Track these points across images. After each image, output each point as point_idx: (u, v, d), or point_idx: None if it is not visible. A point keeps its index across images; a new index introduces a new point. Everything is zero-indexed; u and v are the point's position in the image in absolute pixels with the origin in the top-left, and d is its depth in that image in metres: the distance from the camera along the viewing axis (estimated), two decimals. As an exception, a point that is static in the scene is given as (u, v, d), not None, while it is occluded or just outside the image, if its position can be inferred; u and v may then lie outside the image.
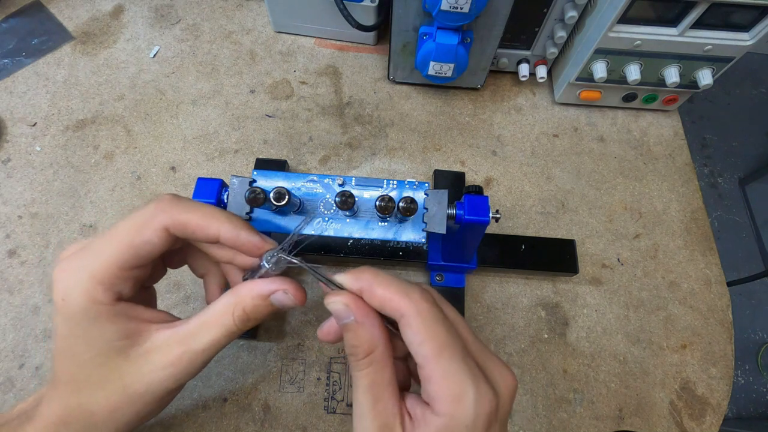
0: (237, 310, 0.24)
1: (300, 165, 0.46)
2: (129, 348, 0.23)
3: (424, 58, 0.43)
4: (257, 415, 0.36)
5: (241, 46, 0.52)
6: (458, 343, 0.21)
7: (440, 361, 0.21)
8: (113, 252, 0.23)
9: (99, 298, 0.22)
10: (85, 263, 0.23)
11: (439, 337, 0.21)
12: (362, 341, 0.22)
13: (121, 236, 0.23)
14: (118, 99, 0.48)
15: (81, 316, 0.22)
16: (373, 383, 0.22)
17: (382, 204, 0.28)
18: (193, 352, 0.23)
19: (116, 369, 0.23)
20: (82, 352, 0.23)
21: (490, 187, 0.46)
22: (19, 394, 0.36)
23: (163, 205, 0.24)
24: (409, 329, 0.21)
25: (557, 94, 0.50)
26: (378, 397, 0.22)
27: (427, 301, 0.22)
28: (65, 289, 0.22)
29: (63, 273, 0.23)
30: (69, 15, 0.52)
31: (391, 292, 0.22)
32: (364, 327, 0.22)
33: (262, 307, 0.24)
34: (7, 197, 0.43)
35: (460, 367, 0.21)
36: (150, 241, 0.23)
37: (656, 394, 0.39)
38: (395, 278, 0.23)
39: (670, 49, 0.42)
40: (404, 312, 0.21)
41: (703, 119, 1.60)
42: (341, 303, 0.22)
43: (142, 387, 0.23)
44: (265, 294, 0.24)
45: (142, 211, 0.23)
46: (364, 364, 0.22)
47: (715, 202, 1.49)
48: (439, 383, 0.21)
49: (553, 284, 0.43)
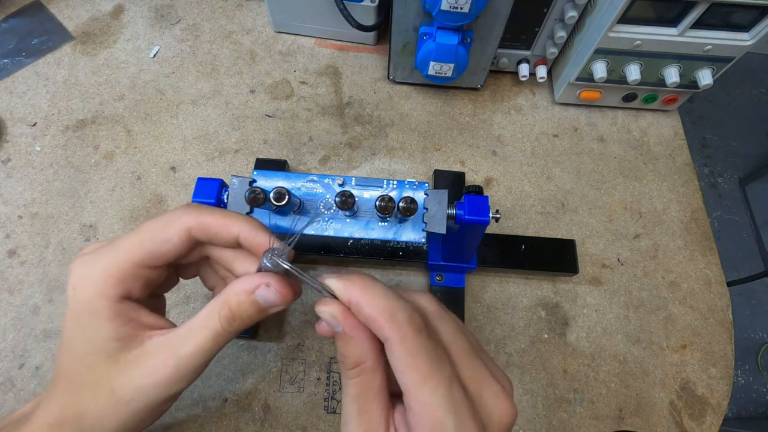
0: (223, 309, 0.23)
1: (300, 165, 0.46)
2: (119, 351, 0.22)
3: (424, 58, 0.43)
4: (257, 415, 0.36)
5: (241, 46, 0.52)
6: (444, 372, 0.20)
7: (421, 391, 0.20)
8: (131, 247, 0.23)
9: (107, 292, 0.22)
10: (101, 257, 0.23)
11: (423, 367, 0.20)
12: (350, 353, 0.21)
13: (142, 233, 0.23)
14: (118, 99, 0.48)
15: (85, 308, 0.22)
16: (360, 394, 0.21)
17: (382, 204, 0.28)
18: (178, 357, 0.22)
19: (106, 371, 0.22)
20: (78, 348, 0.23)
21: (490, 187, 0.47)
22: (19, 394, 0.36)
23: (187, 209, 0.24)
24: (391, 355, 0.20)
25: (557, 94, 0.50)
26: (364, 408, 0.21)
27: (413, 326, 0.20)
28: (77, 280, 0.23)
29: (79, 265, 0.23)
30: (69, 15, 0.52)
31: (377, 312, 0.21)
32: (354, 340, 0.21)
33: (246, 304, 0.23)
34: (7, 197, 0.43)
35: (443, 399, 0.19)
36: (170, 239, 0.23)
37: (656, 394, 0.39)
38: (386, 293, 0.21)
39: (670, 49, 0.42)
40: (387, 337, 0.20)
41: (703, 119, 1.60)
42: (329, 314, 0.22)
43: (129, 393, 0.22)
44: (248, 289, 0.23)
45: (167, 213, 0.24)
46: (353, 374, 0.21)
47: (715, 202, 1.49)
48: (419, 415, 0.20)
49: (553, 284, 0.43)
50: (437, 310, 0.24)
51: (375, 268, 0.42)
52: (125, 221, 0.43)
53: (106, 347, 0.22)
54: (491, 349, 0.40)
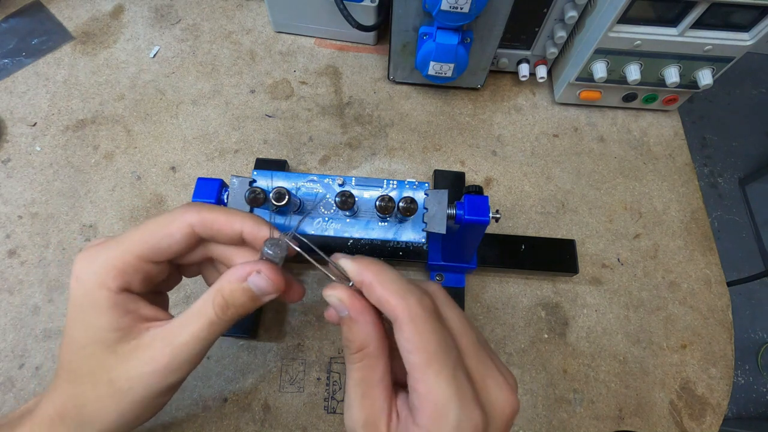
0: (216, 297, 0.23)
1: (300, 165, 0.46)
2: (118, 342, 0.23)
3: (424, 58, 0.43)
4: (257, 415, 0.36)
5: (241, 46, 0.52)
6: (451, 356, 0.20)
7: (427, 373, 0.20)
8: (134, 241, 0.23)
9: (107, 283, 0.23)
10: (104, 250, 0.23)
11: (430, 347, 0.20)
12: (355, 337, 0.22)
13: (146, 228, 0.24)
14: (118, 99, 0.48)
15: (86, 298, 0.23)
16: (363, 378, 0.22)
17: (382, 204, 0.28)
18: (174, 347, 0.23)
19: (104, 361, 0.23)
20: (79, 338, 0.23)
21: (490, 187, 0.47)
22: (19, 394, 0.36)
23: (190, 206, 0.25)
24: (400, 334, 0.21)
25: (557, 94, 0.50)
26: (366, 393, 0.22)
27: (423, 306, 0.21)
28: (80, 271, 0.23)
29: (82, 257, 0.23)
30: (69, 15, 0.52)
31: (389, 292, 0.21)
32: (358, 325, 0.22)
33: (239, 292, 0.23)
34: (7, 197, 0.43)
35: (447, 382, 0.20)
36: (173, 235, 0.24)
37: (656, 394, 0.39)
38: (399, 278, 0.22)
39: (670, 49, 0.42)
40: (397, 316, 0.21)
41: (703, 119, 1.60)
42: (336, 298, 0.22)
43: (126, 383, 0.22)
44: (240, 276, 0.23)
45: (171, 210, 0.24)
46: (356, 359, 0.22)
47: (715, 202, 1.49)
48: (422, 395, 0.20)
49: (553, 284, 0.43)
50: (446, 299, 0.24)
51: (375, 268, 0.42)
52: (125, 221, 0.43)
53: (105, 337, 0.23)
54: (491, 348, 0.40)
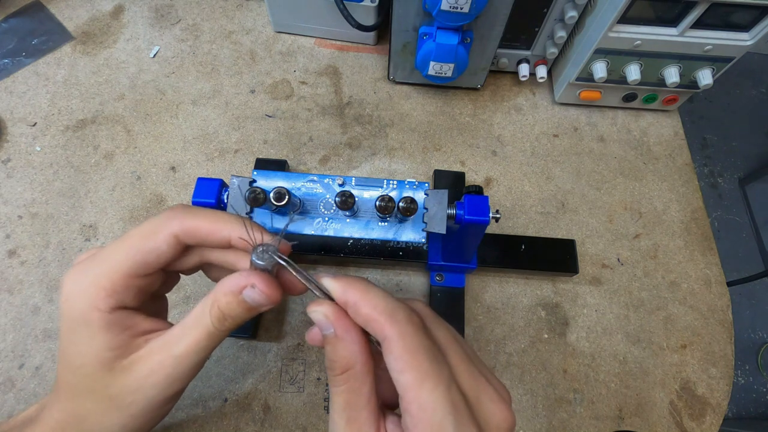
0: (213, 308, 0.23)
1: (300, 165, 0.46)
2: (114, 360, 0.22)
3: (424, 58, 0.43)
4: (257, 415, 0.36)
5: (241, 46, 0.52)
6: (443, 373, 0.20)
7: (420, 392, 0.19)
8: (120, 259, 0.23)
9: (98, 304, 0.22)
10: (91, 268, 0.23)
11: (422, 366, 0.19)
12: (339, 357, 0.21)
13: (130, 243, 0.23)
14: (118, 99, 0.48)
15: (78, 321, 0.22)
16: (349, 402, 0.21)
17: (382, 204, 0.28)
18: (173, 357, 0.22)
19: (102, 379, 0.22)
20: (74, 359, 0.23)
21: (490, 187, 0.47)
22: (19, 394, 0.36)
23: (174, 213, 0.24)
24: (389, 354, 0.20)
25: (557, 94, 0.50)
26: (352, 419, 0.20)
27: (412, 323, 0.20)
28: (68, 293, 0.22)
29: (70, 277, 0.23)
30: (69, 15, 0.52)
31: (377, 311, 0.20)
32: (343, 343, 0.21)
33: (234, 304, 0.22)
34: (7, 197, 0.43)
35: (442, 400, 0.19)
36: (158, 248, 0.23)
37: (656, 394, 0.39)
38: (385, 296, 0.21)
39: (670, 49, 0.42)
40: (386, 334, 0.20)
41: (703, 119, 1.60)
42: (321, 314, 0.21)
43: (127, 397, 0.22)
44: (235, 290, 0.22)
45: (154, 219, 0.24)
46: (341, 381, 0.21)
47: (715, 202, 1.49)
48: (416, 416, 0.19)
49: (553, 284, 0.43)
50: (432, 315, 0.24)
51: (375, 268, 0.42)
52: (125, 221, 0.43)
53: (102, 357, 0.22)
54: (491, 349, 0.40)
